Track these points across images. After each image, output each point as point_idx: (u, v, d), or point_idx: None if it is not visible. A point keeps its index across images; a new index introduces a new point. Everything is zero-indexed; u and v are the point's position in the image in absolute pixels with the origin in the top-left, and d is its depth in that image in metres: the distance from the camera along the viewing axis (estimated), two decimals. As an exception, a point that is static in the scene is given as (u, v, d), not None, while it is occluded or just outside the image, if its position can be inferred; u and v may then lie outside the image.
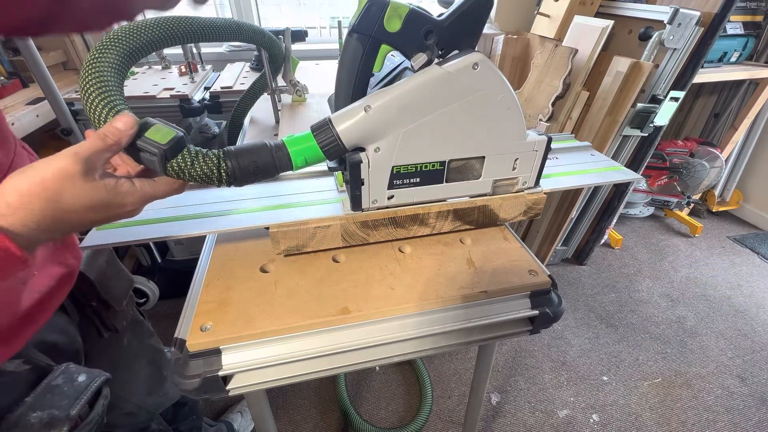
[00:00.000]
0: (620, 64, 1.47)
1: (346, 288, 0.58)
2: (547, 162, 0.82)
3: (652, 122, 1.53)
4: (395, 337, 0.55)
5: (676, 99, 1.50)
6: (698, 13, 1.36)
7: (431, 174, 0.60)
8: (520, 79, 2.01)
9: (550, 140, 0.64)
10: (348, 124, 0.52)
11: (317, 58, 2.01)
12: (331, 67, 1.87)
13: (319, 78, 1.70)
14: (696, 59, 1.46)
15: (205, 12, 2.00)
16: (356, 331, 0.55)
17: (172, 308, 1.74)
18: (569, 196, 1.77)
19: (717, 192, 2.49)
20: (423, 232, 0.67)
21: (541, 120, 1.65)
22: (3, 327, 0.41)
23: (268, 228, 0.60)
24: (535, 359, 1.61)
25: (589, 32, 1.54)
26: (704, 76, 1.74)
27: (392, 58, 0.86)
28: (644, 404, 1.45)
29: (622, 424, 1.39)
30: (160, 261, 1.74)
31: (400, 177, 0.59)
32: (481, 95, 0.55)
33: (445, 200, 0.65)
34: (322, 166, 0.59)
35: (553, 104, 1.60)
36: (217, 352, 0.50)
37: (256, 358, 0.51)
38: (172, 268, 1.74)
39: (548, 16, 1.85)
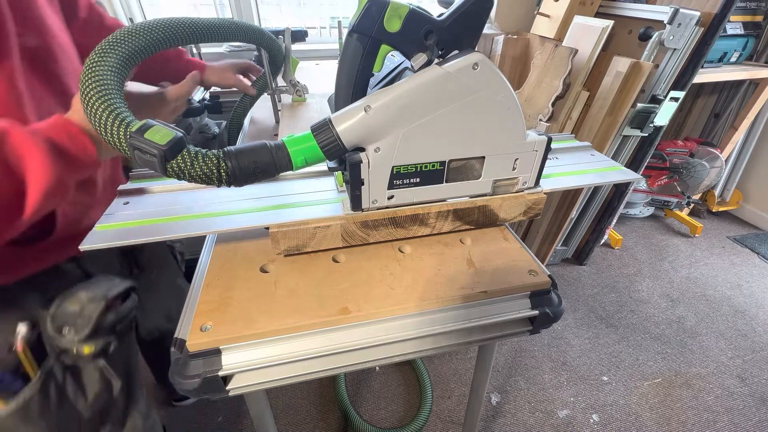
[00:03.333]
0: (620, 64, 1.47)
1: (346, 288, 0.58)
2: (548, 162, 0.82)
3: (652, 122, 1.53)
4: (395, 337, 0.55)
5: (676, 99, 1.50)
6: (698, 13, 1.36)
7: (431, 174, 0.60)
8: (520, 79, 2.01)
9: (550, 140, 0.63)
10: (348, 124, 0.52)
11: (317, 58, 2.01)
12: (332, 67, 1.87)
13: (319, 78, 1.70)
14: (696, 59, 1.46)
15: (205, 12, 2.00)
16: (356, 331, 0.55)
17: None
18: (569, 196, 1.77)
19: (717, 192, 2.49)
20: (423, 232, 0.67)
21: (541, 120, 1.65)
22: (70, 220, 0.57)
23: (268, 228, 0.60)
24: (535, 359, 1.61)
25: (589, 32, 1.54)
26: (704, 76, 1.75)
27: (392, 58, 0.86)
28: (644, 404, 1.45)
29: (622, 424, 1.39)
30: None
31: (400, 177, 0.59)
32: (481, 95, 0.54)
33: (445, 200, 0.65)
34: (322, 167, 0.59)
35: (553, 104, 1.60)
36: (217, 352, 0.50)
37: (256, 359, 0.51)
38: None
39: (548, 16, 1.85)
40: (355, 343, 0.54)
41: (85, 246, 0.54)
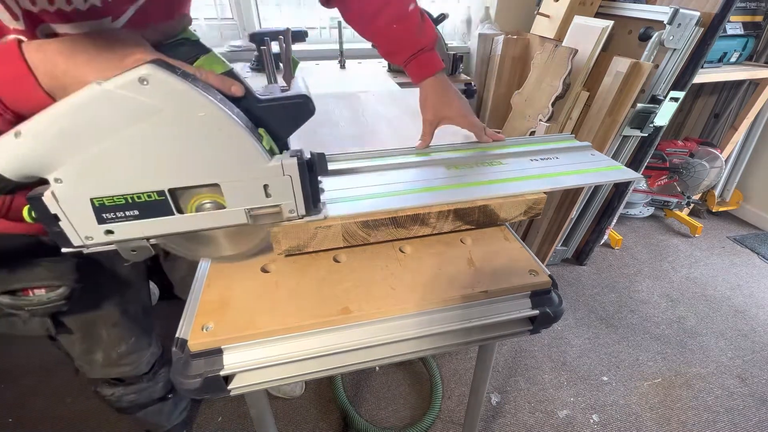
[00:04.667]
0: (620, 65, 1.48)
1: (347, 288, 0.58)
2: (548, 162, 0.82)
3: (652, 122, 1.53)
4: (396, 337, 0.55)
5: (676, 99, 1.51)
6: (698, 14, 1.37)
7: (152, 205, 0.49)
8: (520, 80, 2.01)
9: (306, 162, 0.53)
10: (1, 154, 0.42)
11: (317, 58, 2.01)
12: (332, 67, 1.87)
13: (319, 78, 1.71)
14: (696, 59, 1.46)
15: (205, 12, 2.00)
16: (357, 331, 0.55)
17: (172, 308, 1.74)
18: (569, 196, 1.77)
19: (717, 192, 2.49)
20: (424, 232, 0.67)
21: (541, 120, 1.65)
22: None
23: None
24: (535, 359, 1.61)
25: (589, 32, 1.54)
26: (704, 76, 1.75)
27: None
28: (644, 404, 1.45)
29: (622, 424, 1.39)
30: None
31: (108, 210, 0.48)
32: (167, 115, 0.44)
33: (186, 233, 0.54)
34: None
35: (553, 104, 1.61)
36: (218, 352, 0.51)
37: (257, 358, 0.51)
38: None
39: (548, 16, 1.86)
40: (356, 342, 0.54)
41: (67, 249, 0.53)
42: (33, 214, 0.46)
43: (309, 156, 0.54)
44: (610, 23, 1.49)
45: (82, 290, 0.75)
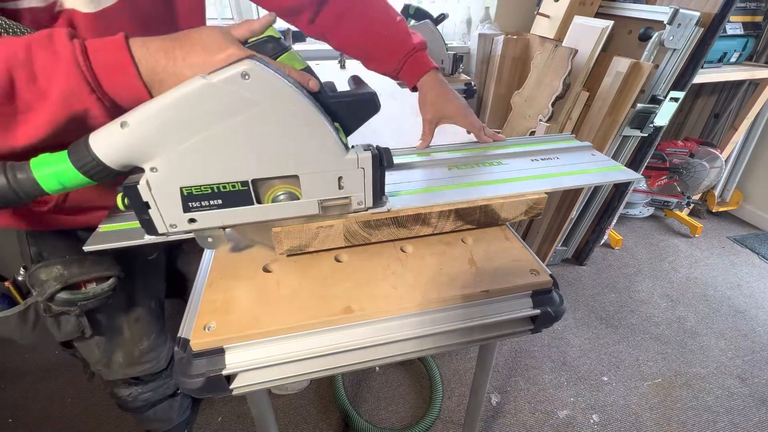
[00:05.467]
0: (620, 65, 1.48)
1: (348, 287, 0.58)
2: (548, 162, 0.83)
3: (652, 122, 1.53)
4: (398, 336, 0.55)
5: (676, 99, 1.51)
6: (698, 14, 1.37)
7: (236, 195, 0.52)
8: (520, 80, 2.01)
9: (377, 156, 0.56)
10: (106, 143, 0.44)
11: (318, 58, 2.01)
12: (332, 66, 1.87)
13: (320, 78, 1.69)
14: (696, 59, 1.46)
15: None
16: (359, 331, 0.55)
17: (174, 308, 1.74)
18: (569, 196, 1.77)
19: (717, 192, 2.49)
20: (425, 232, 0.67)
21: (541, 120, 1.66)
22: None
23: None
24: (535, 359, 1.62)
25: (589, 32, 1.54)
26: (704, 76, 1.75)
27: None
28: (644, 405, 1.45)
29: (622, 424, 1.39)
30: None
31: (195, 199, 0.51)
32: (264, 108, 0.47)
33: (264, 222, 0.57)
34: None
35: (553, 104, 1.61)
36: (220, 352, 0.51)
37: (259, 358, 0.52)
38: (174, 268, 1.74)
39: (548, 16, 1.86)
40: (357, 342, 0.54)
41: (89, 247, 0.54)
42: (125, 201, 0.49)
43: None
44: (610, 23, 1.50)
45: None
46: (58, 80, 0.43)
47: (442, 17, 1.88)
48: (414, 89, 0.89)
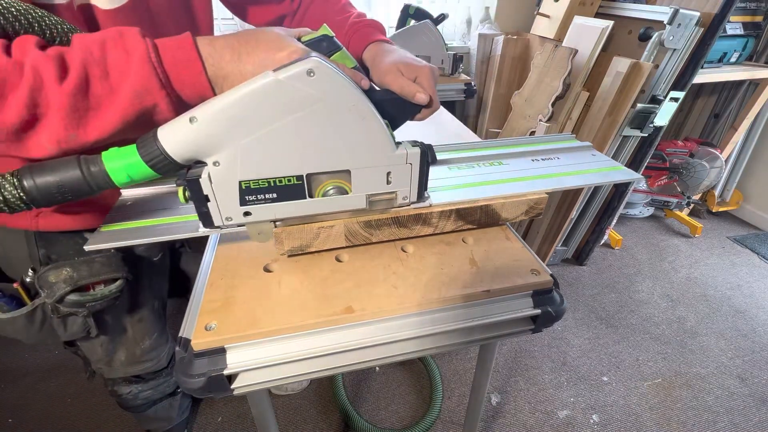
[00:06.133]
0: (620, 65, 1.48)
1: (349, 287, 0.58)
2: (549, 162, 0.83)
3: (652, 122, 1.53)
4: (399, 336, 0.55)
5: (676, 99, 1.51)
6: (698, 14, 1.37)
7: (290, 189, 0.54)
8: (520, 80, 2.01)
9: (425, 152, 0.58)
10: (174, 137, 0.46)
11: (318, 58, 2.01)
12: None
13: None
14: (696, 59, 1.47)
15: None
16: (360, 330, 0.55)
17: (175, 307, 1.74)
18: (569, 196, 1.78)
19: (717, 192, 2.49)
20: (426, 232, 0.67)
21: (541, 120, 1.66)
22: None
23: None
24: (535, 360, 1.62)
25: (588, 33, 1.54)
26: (704, 76, 1.75)
27: None
28: (644, 405, 1.45)
29: (622, 424, 1.39)
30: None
31: (252, 192, 0.53)
32: (325, 104, 0.49)
33: (310, 216, 0.59)
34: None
35: (553, 104, 1.61)
36: (221, 351, 0.51)
37: (260, 357, 0.52)
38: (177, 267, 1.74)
39: (548, 16, 1.86)
40: (358, 342, 0.54)
41: (90, 246, 0.54)
42: (186, 194, 0.51)
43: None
44: (610, 23, 1.50)
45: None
46: (131, 77, 0.45)
47: (442, 17, 1.88)
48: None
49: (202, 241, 0.69)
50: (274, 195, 0.54)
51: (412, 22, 1.86)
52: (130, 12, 0.59)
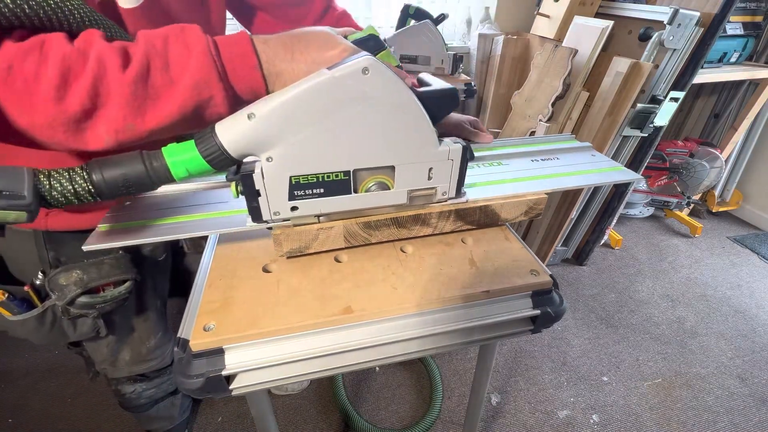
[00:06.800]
0: (620, 65, 1.48)
1: (348, 287, 0.58)
2: (548, 162, 0.83)
3: (652, 122, 1.53)
4: (398, 337, 0.55)
5: (675, 99, 1.51)
6: (698, 14, 1.37)
7: (337, 184, 0.56)
8: (520, 80, 2.01)
9: (466, 149, 0.59)
10: (232, 132, 0.48)
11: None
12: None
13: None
14: (696, 60, 1.46)
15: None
16: (359, 331, 0.55)
17: (176, 307, 1.74)
18: (569, 196, 1.77)
19: (717, 192, 2.49)
20: (425, 232, 0.67)
21: (541, 120, 1.65)
22: None
23: (270, 228, 0.60)
24: (535, 360, 1.61)
25: (589, 33, 1.54)
26: (704, 76, 1.75)
27: None
28: (644, 405, 1.45)
29: (622, 424, 1.39)
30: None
31: (300, 187, 0.55)
32: (377, 101, 0.50)
33: (353, 211, 0.61)
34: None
35: (553, 104, 1.61)
36: (220, 352, 0.51)
37: (259, 358, 0.52)
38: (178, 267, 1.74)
39: (548, 16, 1.86)
40: (357, 342, 0.54)
41: (88, 246, 0.54)
42: (239, 188, 0.53)
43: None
44: (610, 23, 1.50)
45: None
46: (191, 69, 0.47)
47: (442, 17, 1.88)
48: None
49: (201, 242, 0.70)
50: (322, 190, 0.56)
51: (412, 22, 1.85)
52: (147, 11, 0.60)
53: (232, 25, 1.94)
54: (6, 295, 0.71)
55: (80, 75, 0.44)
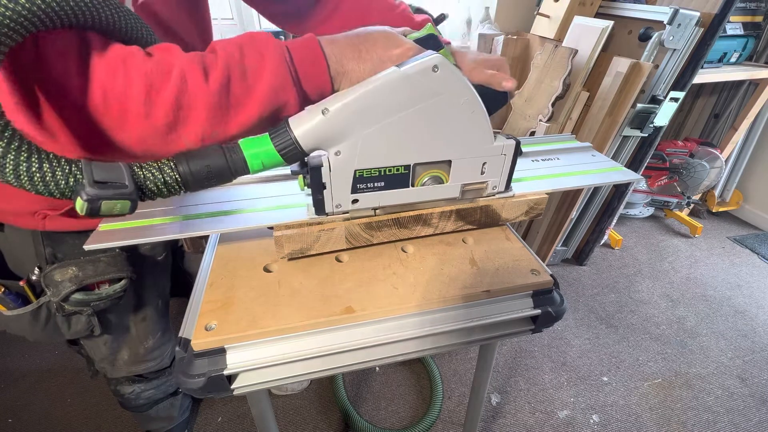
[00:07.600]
0: (620, 65, 1.48)
1: (349, 287, 0.58)
2: (548, 162, 0.83)
3: (652, 123, 1.53)
4: (399, 336, 0.55)
5: (675, 99, 1.51)
6: (698, 14, 1.37)
7: (396, 178, 0.58)
8: (520, 80, 2.01)
9: (518, 144, 0.62)
10: (306, 127, 0.49)
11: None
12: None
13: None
14: (696, 60, 1.46)
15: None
16: (360, 331, 0.55)
17: (178, 307, 1.74)
18: (569, 196, 1.77)
19: (717, 192, 2.49)
20: (426, 233, 0.67)
21: (541, 120, 1.65)
22: None
23: (271, 228, 0.60)
24: (535, 360, 1.62)
25: (589, 33, 1.54)
26: (704, 76, 1.75)
27: None
28: (644, 405, 1.45)
29: (622, 424, 1.39)
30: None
31: (363, 181, 0.57)
32: (443, 98, 0.53)
33: (408, 204, 0.63)
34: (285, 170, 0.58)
35: (553, 104, 1.61)
36: (221, 351, 0.51)
37: (260, 357, 0.52)
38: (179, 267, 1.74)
39: (548, 16, 1.86)
40: (358, 342, 0.54)
41: (89, 246, 0.54)
42: (306, 181, 0.55)
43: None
44: (610, 23, 1.49)
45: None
46: (267, 76, 0.49)
47: (442, 17, 1.87)
48: None
49: (201, 242, 0.70)
50: (382, 183, 0.58)
51: (412, 22, 1.85)
52: (140, 13, 0.60)
53: (232, 25, 1.92)
54: (2, 289, 0.71)
55: (164, 89, 0.45)
